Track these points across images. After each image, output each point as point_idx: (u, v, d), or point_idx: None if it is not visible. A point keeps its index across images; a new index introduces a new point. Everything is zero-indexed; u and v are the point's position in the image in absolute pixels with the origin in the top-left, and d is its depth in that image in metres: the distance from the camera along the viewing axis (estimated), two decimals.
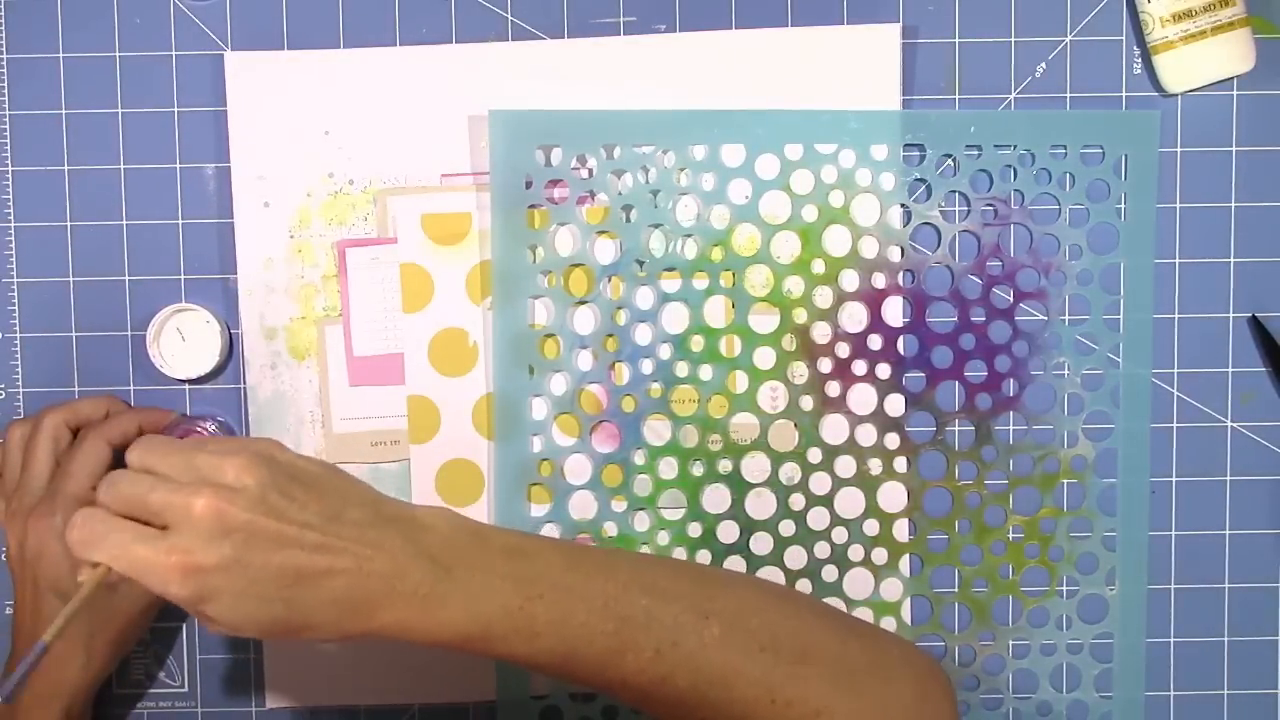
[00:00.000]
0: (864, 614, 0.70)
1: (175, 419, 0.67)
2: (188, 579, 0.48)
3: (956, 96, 0.69)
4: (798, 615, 0.56)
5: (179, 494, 0.49)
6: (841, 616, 0.58)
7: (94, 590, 0.50)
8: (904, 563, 0.70)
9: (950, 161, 0.68)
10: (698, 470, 0.69)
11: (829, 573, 0.70)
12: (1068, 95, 0.69)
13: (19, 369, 0.69)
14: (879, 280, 0.69)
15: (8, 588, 0.70)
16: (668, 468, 0.69)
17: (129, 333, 0.69)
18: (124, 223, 0.69)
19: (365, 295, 0.69)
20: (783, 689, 0.53)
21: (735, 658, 0.53)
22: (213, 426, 0.67)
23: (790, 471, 0.69)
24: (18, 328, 0.69)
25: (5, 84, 0.68)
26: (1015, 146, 0.68)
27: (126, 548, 0.48)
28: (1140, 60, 0.69)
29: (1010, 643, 0.71)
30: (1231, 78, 0.68)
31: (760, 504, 0.69)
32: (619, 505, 0.69)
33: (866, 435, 0.69)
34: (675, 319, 0.69)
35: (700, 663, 0.53)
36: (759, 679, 0.53)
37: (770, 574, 0.69)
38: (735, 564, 0.69)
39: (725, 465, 0.69)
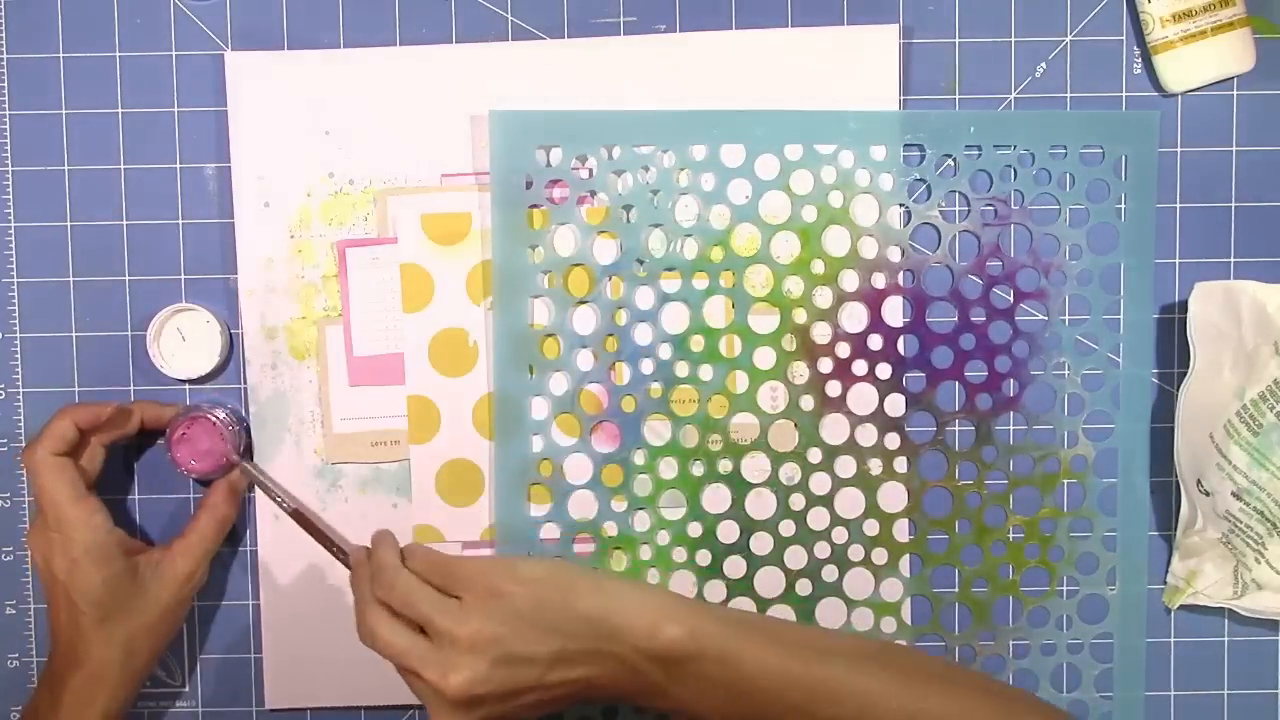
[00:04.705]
0: (864, 614, 0.70)
1: (179, 410, 0.67)
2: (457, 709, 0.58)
3: (956, 96, 0.69)
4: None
5: (440, 656, 0.58)
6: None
7: None
8: (904, 563, 0.70)
9: (950, 162, 0.68)
10: (698, 470, 0.69)
11: (829, 573, 0.70)
12: (1068, 95, 0.69)
13: (19, 369, 0.69)
14: (879, 280, 0.69)
15: (9, 588, 0.70)
16: (668, 468, 0.69)
17: (129, 333, 0.69)
18: (124, 223, 0.69)
19: (365, 295, 0.69)
20: None
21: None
22: (223, 414, 0.67)
23: (790, 471, 0.69)
24: (18, 328, 0.69)
25: (5, 84, 0.68)
26: (1015, 147, 0.68)
27: (413, 677, 0.58)
28: (1140, 60, 0.69)
29: (1010, 643, 0.71)
30: (1231, 78, 0.68)
31: (760, 504, 0.69)
32: (619, 505, 0.69)
33: (866, 435, 0.69)
34: (675, 319, 0.69)
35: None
36: None
37: (770, 574, 0.69)
38: (735, 564, 0.69)
39: (725, 465, 0.69)
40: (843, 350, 0.69)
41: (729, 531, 0.69)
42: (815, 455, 0.69)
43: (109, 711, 0.63)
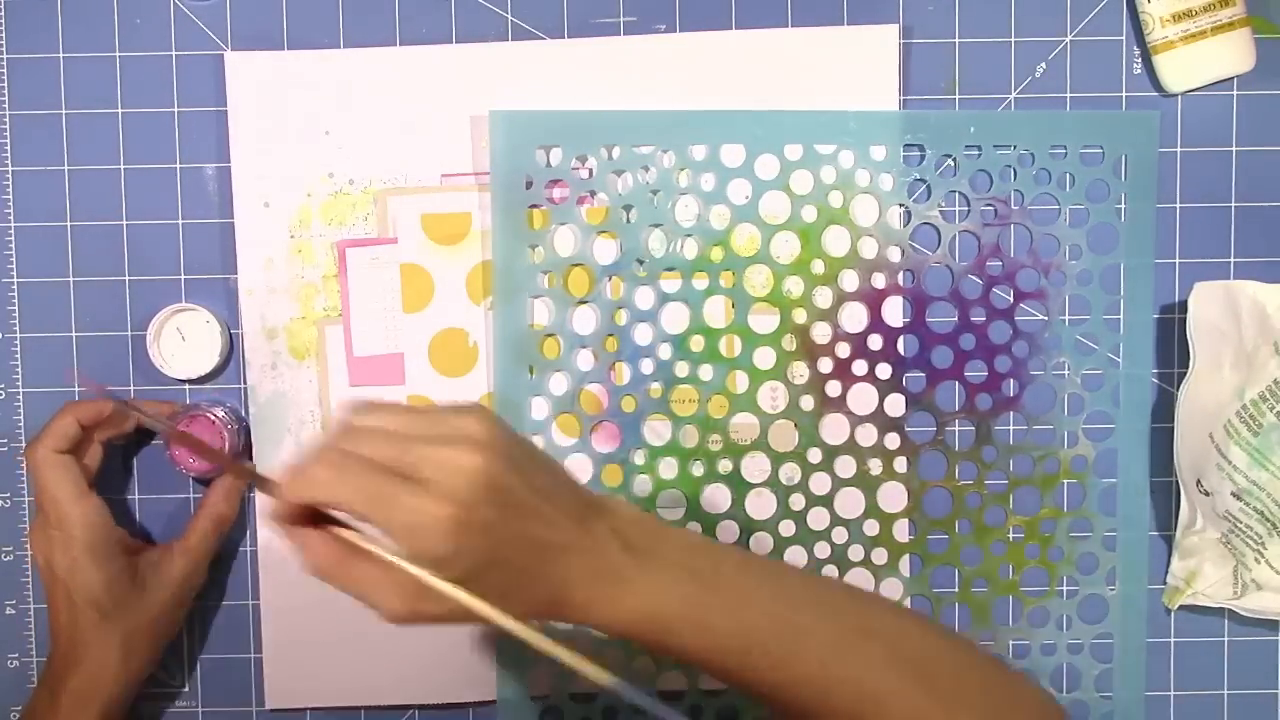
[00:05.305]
0: None
1: (178, 409, 0.67)
2: (453, 534, 0.46)
3: (956, 96, 0.69)
4: (950, 647, 0.56)
5: (442, 448, 0.47)
6: (987, 657, 0.57)
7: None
8: (904, 563, 0.70)
9: (950, 162, 0.69)
10: (698, 470, 0.69)
11: (829, 573, 0.70)
12: (1068, 95, 0.69)
13: (19, 369, 0.69)
14: (879, 280, 0.69)
15: (9, 588, 0.70)
16: (668, 468, 0.69)
17: (129, 333, 0.69)
18: (124, 223, 0.69)
19: (365, 295, 0.69)
20: (932, 716, 0.54)
21: (893, 680, 0.53)
22: (222, 413, 0.67)
23: (790, 471, 0.69)
24: (18, 328, 0.69)
25: (5, 84, 0.68)
26: (1015, 147, 0.68)
27: (392, 496, 0.46)
28: (1140, 60, 0.69)
29: (1010, 643, 0.71)
30: (1231, 78, 0.68)
31: (760, 504, 0.69)
32: None
33: (866, 435, 0.69)
34: (675, 319, 0.69)
35: (862, 681, 0.53)
36: (914, 708, 0.53)
37: None
38: None
39: (725, 465, 0.69)
40: (843, 350, 0.69)
41: (729, 532, 0.69)
42: (815, 455, 0.69)
43: (108, 711, 0.63)
